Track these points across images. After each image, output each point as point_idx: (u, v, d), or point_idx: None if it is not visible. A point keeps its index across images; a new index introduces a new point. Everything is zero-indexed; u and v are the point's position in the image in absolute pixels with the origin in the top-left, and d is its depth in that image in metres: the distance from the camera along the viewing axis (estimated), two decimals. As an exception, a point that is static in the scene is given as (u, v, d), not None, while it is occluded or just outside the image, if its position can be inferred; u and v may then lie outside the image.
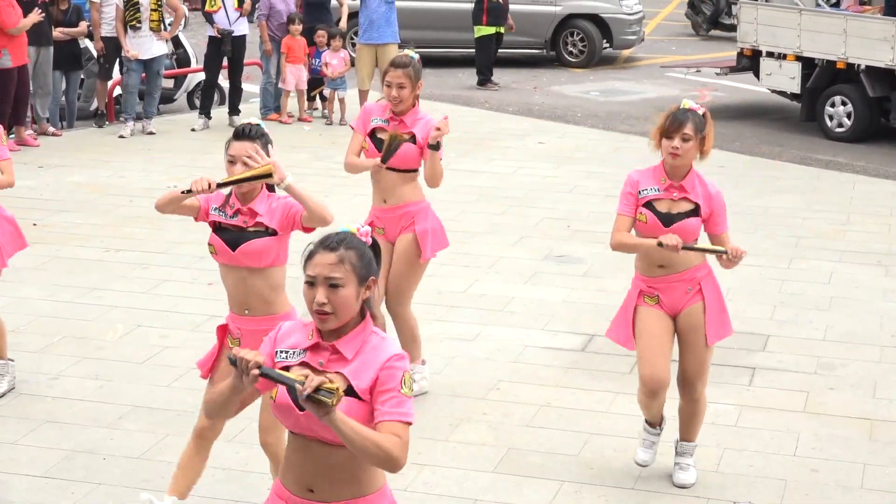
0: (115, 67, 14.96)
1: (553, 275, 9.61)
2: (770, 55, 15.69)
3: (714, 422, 6.94)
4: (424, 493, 6.18)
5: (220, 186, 5.30)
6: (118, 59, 14.76)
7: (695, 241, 5.98)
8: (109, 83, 15.07)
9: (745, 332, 8.34)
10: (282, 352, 3.81)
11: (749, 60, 16.21)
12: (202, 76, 15.54)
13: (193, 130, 14.75)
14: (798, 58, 15.29)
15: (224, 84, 15.63)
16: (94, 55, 15.02)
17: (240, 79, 15.26)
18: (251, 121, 5.57)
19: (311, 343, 3.78)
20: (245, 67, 15.46)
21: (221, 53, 14.80)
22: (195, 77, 16.02)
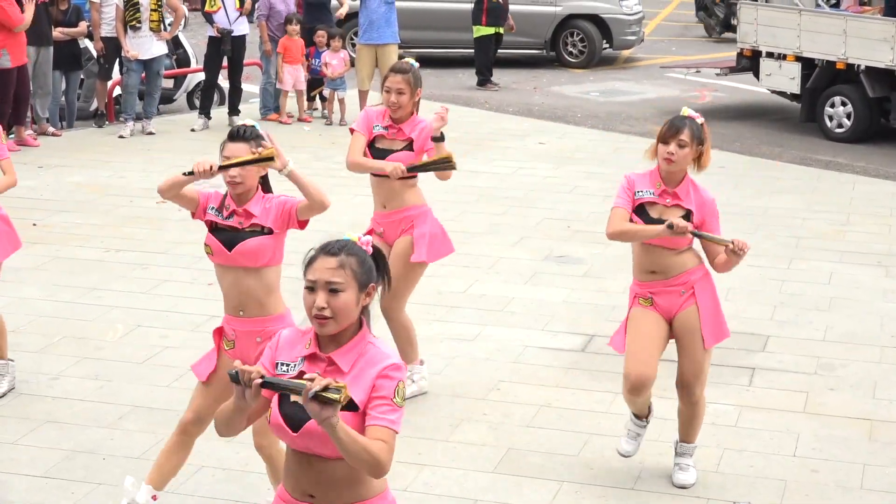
0: (115, 67, 14.96)
1: (553, 275, 9.61)
2: (770, 56, 15.68)
3: (714, 422, 6.94)
4: (424, 494, 6.18)
5: (222, 168, 5.34)
6: (118, 60, 14.76)
7: (691, 245, 6.02)
8: (109, 83, 15.07)
9: (745, 333, 8.34)
10: (282, 364, 3.81)
11: (749, 61, 16.20)
12: (202, 76, 15.56)
13: (193, 131, 14.75)
14: (798, 58, 15.29)
15: (224, 84, 15.63)
16: (94, 55, 15.02)
17: (240, 79, 15.27)
18: (246, 122, 5.58)
19: (309, 353, 3.78)
20: (245, 68, 15.47)
21: (221, 53, 14.80)
22: (195, 77, 16.02)
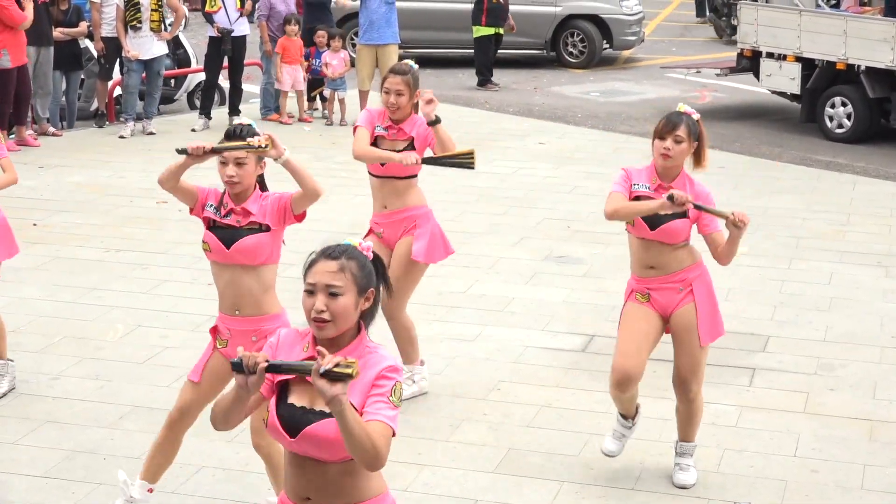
0: (116, 68, 14.96)
1: (553, 275, 9.61)
2: (770, 56, 15.68)
3: (714, 422, 6.94)
4: (424, 494, 6.18)
5: (216, 151, 5.36)
6: (118, 60, 14.77)
7: (688, 240, 6.03)
8: (110, 83, 15.06)
9: (745, 333, 8.34)
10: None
11: (749, 61, 16.19)
12: (202, 76, 15.56)
13: (194, 131, 14.74)
14: (798, 59, 15.29)
15: (224, 84, 15.63)
16: (95, 55, 15.02)
17: (240, 79, 15.27)
18: (242, 121, 5.59)
19: (307, 356, 3.78)
20: (245, 68, 15.47)
21: (222, 53, 14.80)
22: (195, 77, 16.02)
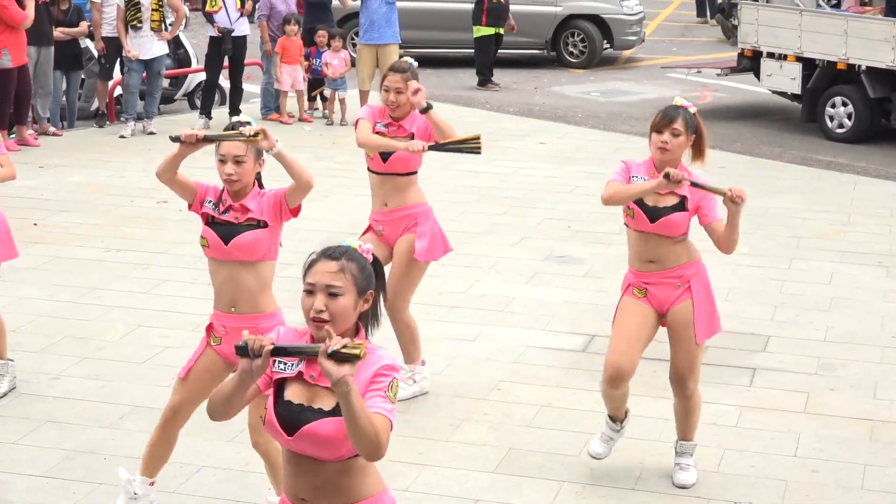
0: (116, 67, 14.96)
1: (554, 275, 9.61)
2: (771, 56, 15.68)
3: (715, 422, 6.94)
4: (425, 494, 6.18)
5: (208, 140, 5.40)
6: (119, 59, 14.77)
7: (686, 234, 6.04)
8: (110, 83, 15.07)
9: (746, 333, 8.34)
10: (280, 362, 3.81)
11: (750, 61, 16.19)
12: (203, 76, 15.55)
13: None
14: (799, 58, 15.28)
15: (225, 84, 15.63)
16: (95, 55, 15.02)
17: (240, 79, 15.27)
18: (241, 118, 5.60)
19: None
20: (246, 68, 15.47)
21: (222, 53, 14.80)
22: (196, 77, 16.02)
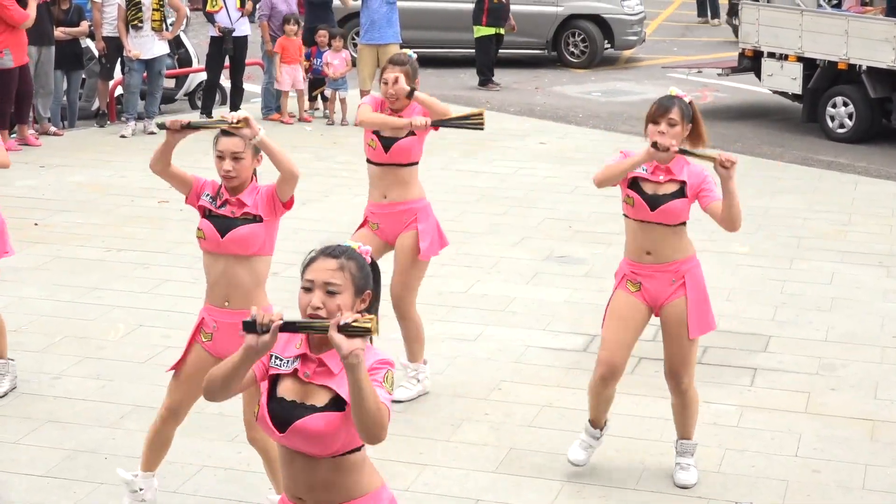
0: (117, 67, 14.97)
1: (554, 275, 9.61)
2: (771, 56, 15.67)
3: (715, 422, 6.94)
4: (425, 493, 6.18)
5: (193, 128, 5.44)
6: (120, 59, 14.77)
7: (685, 224, 6.04)
8: (111, 83, 15.07)
9: (747, 333, 8.34)
10: (276, 357, 3.81)
11: (750, 61, 16.18)
12: (204, 76, 15.55)
13: (194, 130, 14.73)
14: (799, 58, 15.28)
15: (226, 84, 15.63)
16: (96, 55, 15.03)
17: (241, 79, 15.28)
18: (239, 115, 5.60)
19: (300, 352, 3.78)
20: (246, 67, 15.48)
21: (223, 53, 14.81)
22: (196, 77, 16.02)
